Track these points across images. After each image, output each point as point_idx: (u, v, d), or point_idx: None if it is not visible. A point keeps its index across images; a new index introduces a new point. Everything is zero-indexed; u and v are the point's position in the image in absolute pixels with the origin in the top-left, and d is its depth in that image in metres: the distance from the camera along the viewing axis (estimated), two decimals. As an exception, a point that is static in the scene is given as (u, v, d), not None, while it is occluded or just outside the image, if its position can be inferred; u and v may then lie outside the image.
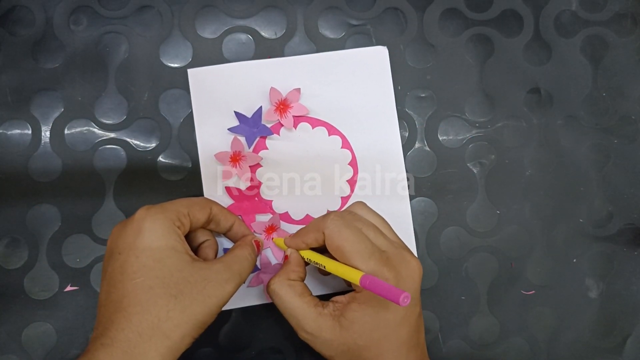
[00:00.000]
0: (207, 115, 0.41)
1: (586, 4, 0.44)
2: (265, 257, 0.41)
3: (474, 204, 0.43)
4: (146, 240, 0.31)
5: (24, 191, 0.41)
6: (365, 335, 0.32)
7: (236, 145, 0.41)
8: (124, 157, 0.41)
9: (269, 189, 0.41)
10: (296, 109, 0.41)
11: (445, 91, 0.43)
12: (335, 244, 0.33)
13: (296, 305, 0.34)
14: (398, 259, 0.33)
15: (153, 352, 0.29)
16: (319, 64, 0.42)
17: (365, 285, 0.30)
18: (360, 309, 0.33)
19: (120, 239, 0.32)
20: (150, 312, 0.30)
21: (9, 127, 0.41)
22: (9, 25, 0.42)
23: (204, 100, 0.42)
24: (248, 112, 0.41)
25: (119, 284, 0.31)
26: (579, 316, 0.42)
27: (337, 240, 0.33)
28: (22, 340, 0.40)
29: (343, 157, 0.42)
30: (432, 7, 0.44)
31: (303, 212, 0.41)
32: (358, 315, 0.33)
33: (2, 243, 0.41)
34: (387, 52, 0.43)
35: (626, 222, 0.43)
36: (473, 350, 0.42)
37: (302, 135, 0.42)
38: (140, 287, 0.30)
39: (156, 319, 0.30)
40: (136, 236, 0.32)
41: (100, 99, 0.42)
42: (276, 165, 0.42)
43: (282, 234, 0.41)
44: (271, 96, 0.41)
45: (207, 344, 0.41)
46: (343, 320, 0.33)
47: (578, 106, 0.44)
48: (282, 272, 0.36)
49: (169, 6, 0.43)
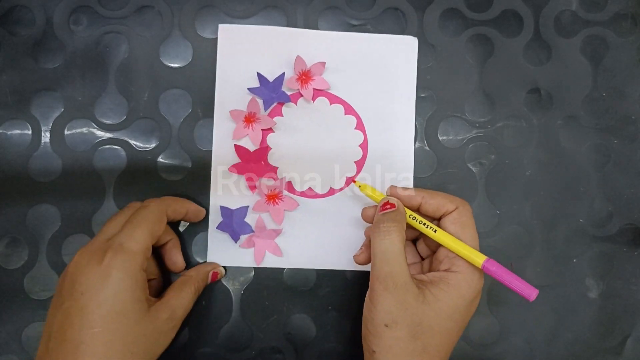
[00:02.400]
0: (229, 72, 0.42)
1: (586, 4, 0.44)
2: (261, 220, 0.41)
3: (474, 204, 0.43)
4: (111, 291, 0.31)
5: (24, 191, 0.41)
6: (442, 314, 0.32)
7: (253, 106, 0.41)
8: (124, 157, 0.41)
9: (277, 156, 0.42)
10: (318, 82, 0.42)
11: (445, 91, 0.43)
12: (464, 221, 0.35)
13: (402, 257, 0.33)
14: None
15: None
16: (348, 42, 0.43)
17: (489, 271, 0.33)
18: (449, 290, 0.33)
19: (84, 276, 0.32)
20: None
21: (9, 127, 0.41)
22: (9, 25, 0.42)
23: (229, 57, 0.42)
24: (270, 77, 0.42)
25: (76, 326, 0.30)
26: (579, 316, 0.42)
27: (467, 219, 0.35)
28: (22, 340, 0.40)
29: (355, 138, 0.42)
30: (432, 7, 0.44)
31: (307, 185, 0.42)
32: (445, 296, 0.33)
33: (2, 243, 0.41)
34: (417, 42, 0.43)
35: (626, 222, 0.43)
36: (473, 350, 0.42)
37: (319, 109, 0.42)
38: (99, 338, 0.30)
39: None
40: (102, 282, 0.31)
41: (100, 99, 0.42)
42: (288, 134, 0.42)
43: (288, 203, 0.41)
44: (296, 65, 0.41)
45: (207, 344, 0.41)
46: (428, 294, 0.33)
47: (578, 106, 0.44)
48: (394, 217, 0.34)
49: (169, 6, 0.43)
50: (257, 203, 0.41)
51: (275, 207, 0.41)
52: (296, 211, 0.41)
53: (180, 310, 0.35)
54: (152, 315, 0.33)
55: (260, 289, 0.41)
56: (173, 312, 0.35)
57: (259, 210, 0.41)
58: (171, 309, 0.34)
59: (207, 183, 0.41)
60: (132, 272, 0.32)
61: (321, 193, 0.42)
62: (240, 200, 0.41)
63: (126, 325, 0.31)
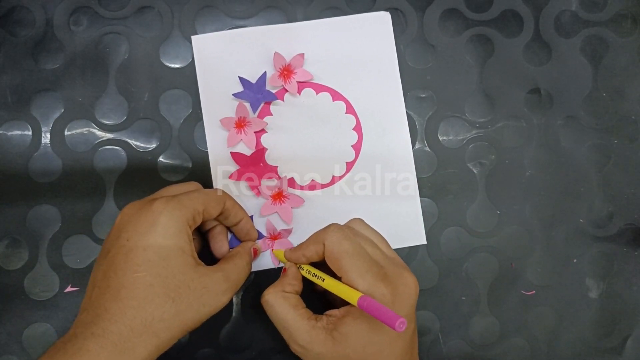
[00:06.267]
0: (211, 82, 0.42)
1: (586, 4, 0.44)
2: (270, 223, 0.41)
3: (474, 204, 0.43)
4: (157, 236, 0.31)
5: (24, 192, 0.41)
6: (358, 349, 0.32)
7: (241, 111, 0.41)
8: (124, 158, 0.41)
9: (274, 155, 0.42)
10: (300, 74, 0.42)
11: (445, 91, 0.43)
12: (334, 256, 0.33)
13: (289, 317, 0.34)
14: (395, 275, 0.33)
15: (141, 349, 0.29)
16: (322, 29, 0.43)
17: (362, 307, 0.30)
18: (354, 323, 0.32)
19: (131, 224, 0.32)
20: (146, 310, 0.30)
21: (9, 127, 0.41)
22: (9, 26, 0.42)
23: (208, 67, 0.42)
24: (252, 78, 0.42)
25: (120, 271, 0.30)
26: (579, 316, 0.42)
27: (336, 252, 0.33)
28: (22, 341, 0.40)
29: (347, 122, 0.42)
30: (432, 7, 0.44)
31: (308, 178, 0.42)
32: (352, 330, 0.32)
33: (2, 244, 0.41)
34: (389, 17, 0.43)
35: (626, 222, 0.43)
36: (473, 351, 0.42)
37: (307, 100, 0.42)
38: (141, 282, 0.30)
39: (150, 317, 0.30)
40: (149, 228, 0.31)
41: (100, 99, 0.42)
42: (281, 131, 0.42)
43: (294, 200, 0.41)
44: (275, 62, 0.41)
45: (208, 345, 0.41)
46: (336, 334, 0.32)
47: (578, 106, 0.44)
48: (278, 284, 0.36)
49: (169, 7, 0.43)
50: (264, 206, 0.41)
51: (283, 207, 0.41)
52: (303, 208, 0.41)
53: (234, 275, 0.34)
54: (200, 271, 0.32)
55: (260, 289, 0.41)
56: (226, 274, 0.34)
57: (267, 213, 0.41)
58: (224, 271, 0.34)
59: (208, 183, 0.41)
60: (181, 222, 0.32)
61: (324, 183, 0.42)
62: (245, 205, 0.41)
63: (170, 271, 0.31)
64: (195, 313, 0.31)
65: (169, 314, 0.30)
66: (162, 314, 0.30)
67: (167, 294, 0.30)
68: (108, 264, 0.31)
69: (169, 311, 0.30)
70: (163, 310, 0.30)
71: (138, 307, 0.29)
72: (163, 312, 0.30)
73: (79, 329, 0.29)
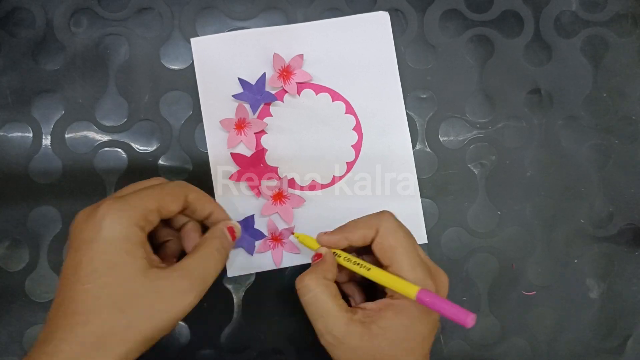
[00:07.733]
0: (211, 83, 0.42)
1: (586, 4, 0.44)
2: (272, 223, 0.41)
3: (475, 204, 0.43)
4: (102, 243, 0.29)
5: (25, 193, 0.41)
6: (396, 344, 0.31)
7: (241, 112, 0.41)
8: (125, 159, 0.41)
9: (274, 156, 0.42)
10: (299, 75, 0.42)
11: (445, 92, 0.43)
12: (389, 243, 0.32)
13: (329, 306, 0.32)
14: (435, 271, 0.33)
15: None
16: (321, 30, 0.43)
17: (423, 301, 0.29)
18: (396, 318, 0.31)
19: (79, 232, 0.30)
20: (94, 324, 0.28)
21: (9, 129, 0.41)
22: (9, 27, 0.42)
23: (208, 69, 0.42)
24: (252, 80, 0.42)
25: (70, 285, 0.29)
26: (579, 317, 0.42)
27: (392, 240, 0.32)
28: (23, 342, 0.40)
29: (347, 122, 0.42)
30: (433, 7, 0.44)
31: (309, 178, 0.42)
32: (392, 325, 0.31)
33: (3, 245, 0.41)
34: (388, 17, 0.43)
35: (627, 222, 0.43)
36: (474, 351, 0.42)
37: (306, 101, 0.42)
38: (88, 295, 0.28)
39: (100, 332, 0.28)
40: (94, 236, 0.29)
41: (100, 101, 0.42)
42: (281, 132, 0.42)
43: (295, 200, 0.41)
44: (274, 63, 0.42)
45: (208, 346, 0.41)
46: (375, 328, 0.31)
47: (578, 106, 0.44)
48: (318, 270, 0.33)
49: (169, 7, 0.43)
50: (264, 206, 0.41)
51: (283, 207, 0.41)
52: (303, 208, 0.41)
53: (198, 269, 0.31)
54: (152, 274, 0.29)
55: (261, 289, 0.41)
56: (186, 271, 0.31)
57: (268, 213, 0.41)
58: (183, 269, 0.31)
59: (208, 185, 0.41)
60: (127, 225, 0.29)
61: (324, 183, 0.42)
62: (245, 205, 0.41)
63: (117, 279, 0.29)
64: (149, 322, 0.29)
65: (120, 327, 0.28)
66: (112, 328, 0.28)
67: (115, 305, 0.28)
68: (60, 278, 0.30)
69: (119, 324, 0.28)
70: (112, 324, 0.28)
71: (86, 323, 0.28)
72: (113, 325, 0.28)
73: (35, 349, 0.28)
